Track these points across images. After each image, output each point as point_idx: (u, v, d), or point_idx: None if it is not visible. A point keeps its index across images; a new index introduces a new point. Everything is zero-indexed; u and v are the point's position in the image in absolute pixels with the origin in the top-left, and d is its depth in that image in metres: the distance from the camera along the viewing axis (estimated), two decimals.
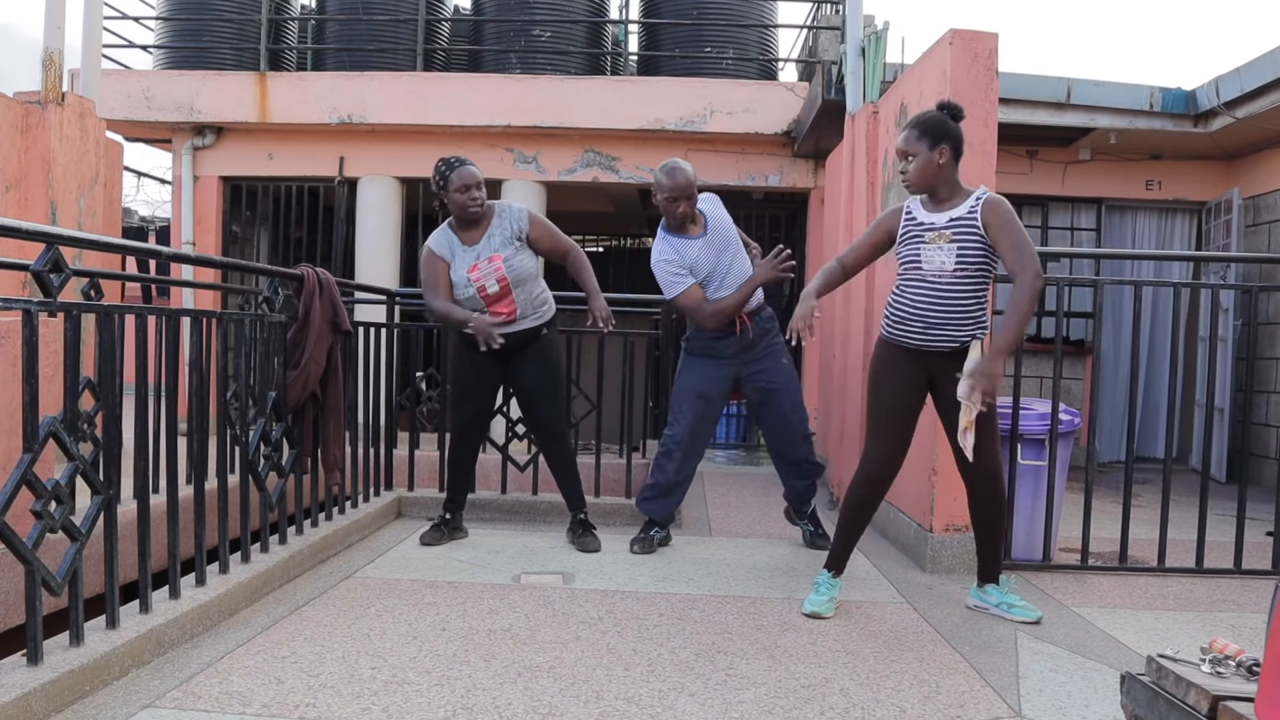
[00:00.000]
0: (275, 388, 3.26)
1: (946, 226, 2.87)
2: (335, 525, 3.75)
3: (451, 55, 8.11)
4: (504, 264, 3.66)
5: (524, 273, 3.72)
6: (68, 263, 2.16)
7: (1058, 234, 7.14)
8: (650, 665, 2.49)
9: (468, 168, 3.65)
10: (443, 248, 3.71)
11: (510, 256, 3.68)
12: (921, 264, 2.89)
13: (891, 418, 2.98)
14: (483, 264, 3.67)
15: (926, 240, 2.88)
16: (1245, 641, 2.74)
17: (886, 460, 2.99)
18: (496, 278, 3.66)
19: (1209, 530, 3.62)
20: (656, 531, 3.95)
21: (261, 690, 2.23)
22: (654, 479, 3.94)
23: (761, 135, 7.23)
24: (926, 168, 2.88)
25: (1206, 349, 6.51)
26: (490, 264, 3.66)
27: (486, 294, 3.67)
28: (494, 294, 3.67)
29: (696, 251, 3.72)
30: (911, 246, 2.91)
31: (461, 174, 3.62)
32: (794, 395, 3.84)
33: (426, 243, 3.75)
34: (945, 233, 2.87)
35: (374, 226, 7.62)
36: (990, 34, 3.55)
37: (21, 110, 4.82)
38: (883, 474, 3.00)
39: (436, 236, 3.75)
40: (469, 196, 3.63)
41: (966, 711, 2.24)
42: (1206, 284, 5.99)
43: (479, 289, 3.66)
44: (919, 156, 2.88)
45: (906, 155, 2.90)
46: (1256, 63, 5.35)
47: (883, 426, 2.99)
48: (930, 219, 2.91)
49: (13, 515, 1.98)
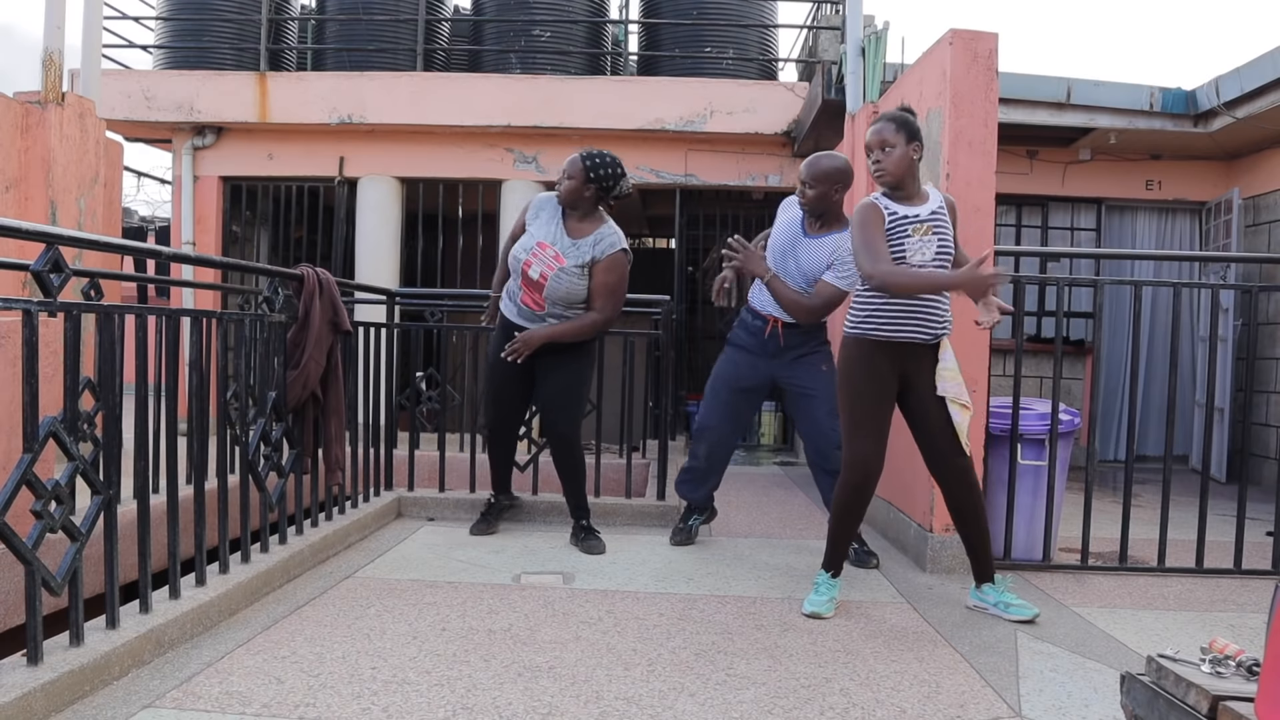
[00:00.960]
0: (275, 388, 3.26)
1: (929, 219, 2.92)
2: (335, 525, 3.75)
3: (451, 55, 8.11)
4: (559, 272, 3.65)
5: (566, 293, 3.67)
6: (68, 263, 2.15)
7: (1058, 234, 7.14)
8: (650, 665, 2.49)
9: (576, 157, 3.71)
10: (539, 204, 3.79)
11: (570, 271, 3.64)
12: (907, 256, 2.90)
13: (871, 417, 2.98)
14: (551, 251, 3.66)
15: (910, 233, 2.90)
16: (1245, 641, 2.74)
17: (870, 461, 2.98)
18: (542, 272, 3.66)
19: (1209, 530, 3.62)
20: (696, 519, 4.01)
21: (261, 690, 2.23)
22: (688, 463, 3.98)
23: (761, 135, 7.23)
24: (902, 160, 2.92)
25: (1206, 349, 6.51)
26: (556, 261, 3.65)
27: (527, 276, 3.69)
28: (531, 279, 3.69)
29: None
30: (898, 240, 2.92)
31: (570, 162, 3.71)
32: (829, 402, 3.73)
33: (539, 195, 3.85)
34: (928, 225, 2.91)
35: (374, 226, 7.63)
36: (990, 34, 3.55)
37: (21, 110, 4.82)
38: (865, 478, 2.99)
39: (547, 195, 3.82)
40: (561, 179, 3.72)
41: (966, 711, 2.24)
42: (1206, 284, 5.99)
43: (525, 264, 3.68)
44: (896, 148, 2.91)
45: (883, 146, 2.92)
46: (1256, 63, 5.35)
47: (866, 427, 2.98)
48: (911, 212, 2.93)
49: (13, 515, 1.98)
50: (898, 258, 2.91)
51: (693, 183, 7.65)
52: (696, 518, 4.05)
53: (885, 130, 2.92)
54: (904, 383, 3.00)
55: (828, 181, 3.53)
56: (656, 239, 13.24)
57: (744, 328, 3.85)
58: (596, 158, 3.69)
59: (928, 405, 2.98)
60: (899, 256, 2.91)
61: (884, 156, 2.92)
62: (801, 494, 5.53)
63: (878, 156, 2.94)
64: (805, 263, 3.61)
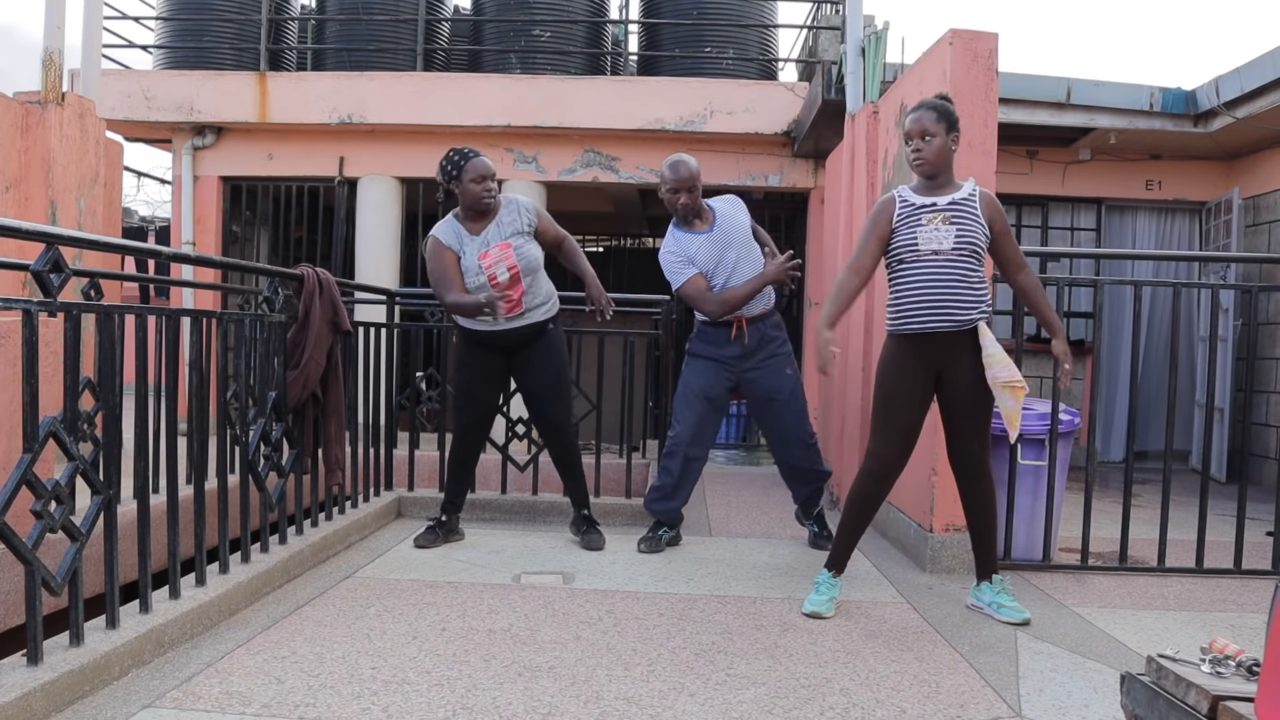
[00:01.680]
0: (275, 388, 3.26)
1: (946, 208, 2.90)
2: (335, 525, 3.75)
3: (451, 55, 8.11)
4: (514, 252, 3.66)
5: (532, 261, 3.71)
6: (68, 263, 2.15)
7: (1058, 234, 7.14)
8: (650, 665, 2.49)
9: (481, 159, 3.66)
10: (450, 238, 3.69)
11: (520, 245, 3.69)
12: (918, 245, 2.90)
13: (900, 415, 2.97)
14: (493, 251, 3.66)
15: (924, 222, 2.89)
16: (1245, 641, 2.74)
17: (892, 458, 2.98)
18: (507, 265, 3.65)
19: (1209, 530, 3.62)
20: (665, 532, 3.97)
21: (261, 690, 2.23)
22: (659, 480, 3.95)
23: (761, 135, 7.23)
24: (942, 150, 2.90)
25: (1206, 349, 6.51)
26: (501, 251, 3.66)
27: (497, 282, 3.65)
28: (504, 282, 3.66)
29: (697, 246, 3.74)
30: (909, 228, 2.91)
31: (476, 165, 3.63)
32: (795, 405, 3.81)
33: (432, 234, 3.71)
34: (944, 214, 2.89)
35: (374, 226, 7.62)
36: (990, 34, 3.55)
37: (21, 110, 4.82)
38: (887, 472, 2.99)
39: (442, 227, 3.73)
40: (484, 187, 3.64)
41: (966, 711, 2.24)
42: (1206, 284, 5.99)
43: (490, 276, 3.65)
44: (937, 138, 2.89)
45: (924, 135, 2.89)
46: (1256, 63, 5.35)
47: (891, 424, 2.97)
48: (928, 201, 2.93)
49: (13, 515, 1.98)
50: (908, 246, 2.91)
51: None
52: (666, 531, 3.99)
53: (926, 119, 2.89)
54: (941, 375, 2.97)
55: (698, 179, 3.75)
56: (656, 239, 13.23)
57: (703, 338, 3.86)
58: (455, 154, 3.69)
59: (961, 397, 2.95)
60: (909, 245, 2.91)
61: (924, 145, 2.90)
62: None
63: (917, 145, 2.91)
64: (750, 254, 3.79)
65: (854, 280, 3.02)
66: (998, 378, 2.90)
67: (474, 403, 3.90)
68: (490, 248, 3.66)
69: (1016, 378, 2.91)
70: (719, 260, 3.73)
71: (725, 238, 3.75)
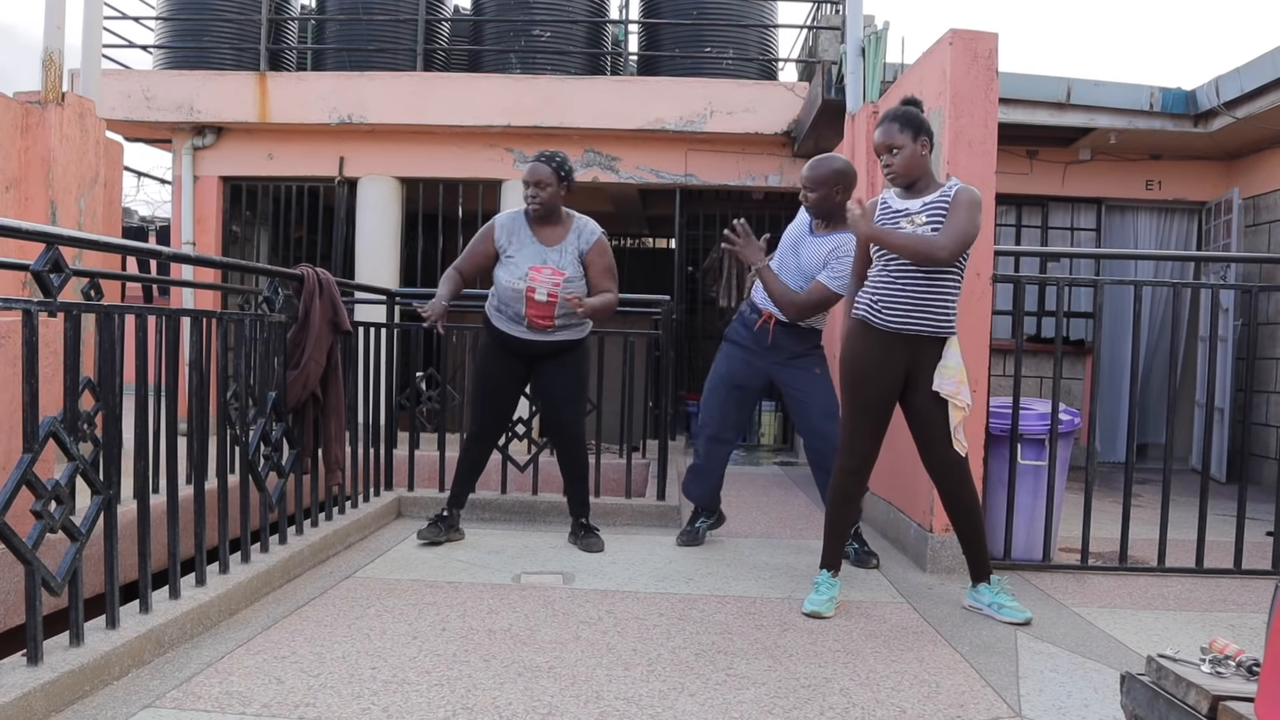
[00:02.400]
0: (275, 388, 3.26)
1: (920, 211, 2.92)
2: (335, 525, 3.75)
3: (451, 55, 8.11)
4: (565, 283, 3.65)
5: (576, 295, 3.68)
6: (68, 263, 2.16)
7: (1058, 234, 7.14)
8: (650, 665, 2.49)
9: (538, 164, 3.69)
10: (506, 227, 3.73)
11: (572, 278, 3.67)
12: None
13: (871, 406, 2.99)
14: (548, 271, 3.65)
15: (901, 226, 2.92)
16: (1245, 641, 2.74)
17: (866, 451, 3.01)
18: (549, 291, 3.64)
19: (1209, 530, 3.62)
20: (703, 522, 4.00)
21: (261, 690, 2.23)
22: (693, 462, 3.99)
23: (761, 135, 7.23)
24: (912, 159, 2.92)
25: (1206, 349, 6.51)
26: (554, 276, 3.65)
27: (533, 299, 3.64)
28: (540, 303, 3.65)
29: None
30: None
31: (531, 169, 3.68)
32: (826, 406, 3.75)
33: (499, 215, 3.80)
34: (919, 217, 2.91)
35: (374, 226, 7.63)
36: (990, 34, 3.55)
37: (21, 110, 4.82)
38: (860, 465, 3.02)
39: (508, 214, 3.79)
40: (528, 193, 3.68)
41: (966, 711, 2.24)
42: (1206, 284, 5.99)
43: (528, 289, 3.64)
44: (905, 149, 2.91)
45: (890, 148, 2.92)
46: (1256, 63, 5.35)
47: (862, 416, 2.99)
48: (905, 205, 2.96)
49: (13, 515, 1.98)
50: (888, 253, 2.92)
51: (693, 183, 7.65)
52: (704, 520, 4.04)
53: (890, 132, 2.92)
54: (908, 379, 2.99)
55: (827, 185, 3.56)
56: (656, 239, 13.23)
57: (741, 322, 3.86)
58: (557, 156, 3.73)
59: (927, 403, 2.98)
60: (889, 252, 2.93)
61: (893, 159, 2.92)
62: (801, 494, 5.53)
63: (887, 160, 2.94)
64: (805, 260, 3.64)
65: (853, 282, 3.15)
66: (942, 388, 2.93)
67: (493, 404, 3.89)
68: (548, 265, 3.66)
69: (959, 396, 2.93)
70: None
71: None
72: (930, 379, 2.95)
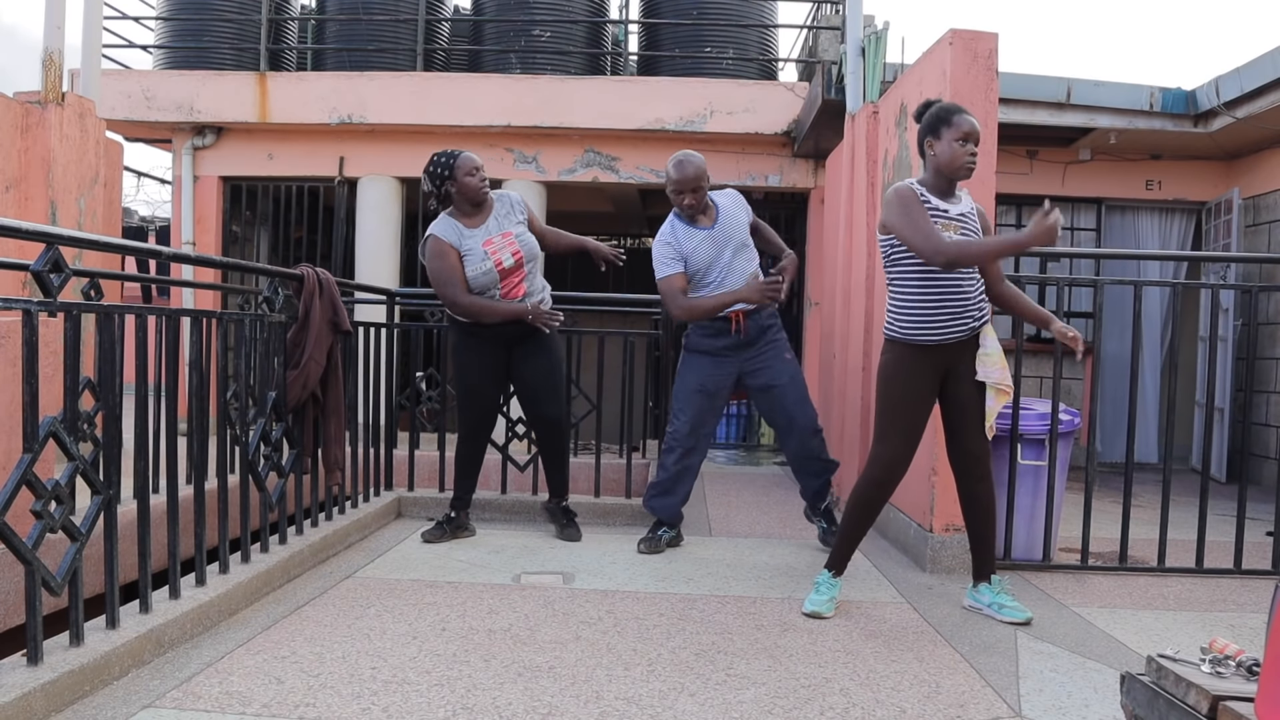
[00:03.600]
0: (275, 388, 3.26)
1: (956, 219, 2.91)
2: (335, 525, 3.75)
3: (451, 55, 8.11)
4: (516, 240, 3.76)
5: (533, 248, 3.83)
6: (68, 263, 2.15)
7: None
8: (650, 665, 2.49)
9: (467, 154, 3.74)
10: (450, 234, 3.72)
11: (521, 234, 3.79)
12: None
13: (906, 420, 2.97)
14: (496, 239, 3.74)
15: (941, 227, 2.87)
16: (1245, 641, 2.74)
17: (896, 463, 2.97)
18: (511, 251, 3.74)
19: (1209, 530, 3.62)
20: (665, 532, 3.96)
21: (261, 690, 2.23)
22: (657, 476, 3.95)
23: (761, 135, 7.23)
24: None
25: (1206, 349, 6.51)
26: (504, 239, 3.74)
27: (503, 267, 3.72)
28: (509, 267, 3.73)
29: (696, 242, 3.73)
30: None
31: (465, 160, 3.72)
32: (798, 389, 3.81)
33: (430, 233, 3.72)
34: (955, 224, 2.90)
35: (374, 226, 7.62)
36: (990, 34, 3.55)
37: (21, 110, 4.82)
38: (890, 477, 2.99)
39: (439, 225, 3.75)
40: (479, 178, 3.72)
41: (966, 711, 2.24)
42: (1206, 284, 5.99)
43: (495, 263, 3.71)
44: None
45: (978, 142, 2.90)
46: (1256, 63, 5.35)
47: (895, 429, 2.97)
48: (944, 207, 2.92)
49: (13, 515, 1.98)
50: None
51: None
52: (666, 530, 3.97)
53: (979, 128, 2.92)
54: (946, 375, 2.99)
55: (702, 179, 3.77)
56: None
57: (701, 331, 3.84)
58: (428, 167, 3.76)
59: (964, 394, 2.98)
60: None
61: (978, 150, 2.91)
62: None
63: (974, 149, 2.89)
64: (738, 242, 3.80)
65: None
66: (987, 377, 2.95)
67: (478, 399, 3.94)
68: (493, 235, 3.74)
69: (1006, 381, 2.97)
70: (716, 258, 3.73)
71: (725, 236, 3.75)
72: (970, 370, 2.96)
